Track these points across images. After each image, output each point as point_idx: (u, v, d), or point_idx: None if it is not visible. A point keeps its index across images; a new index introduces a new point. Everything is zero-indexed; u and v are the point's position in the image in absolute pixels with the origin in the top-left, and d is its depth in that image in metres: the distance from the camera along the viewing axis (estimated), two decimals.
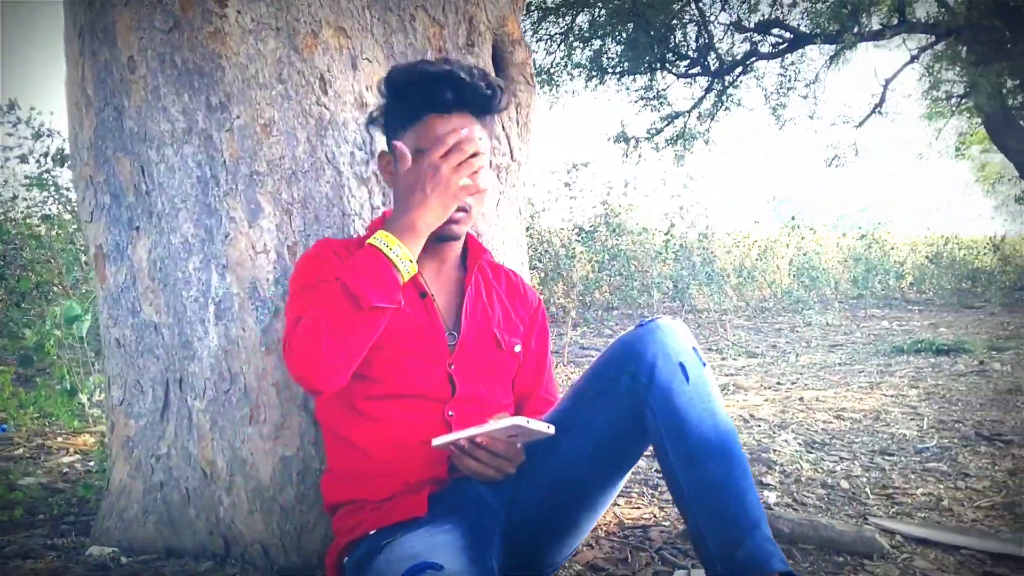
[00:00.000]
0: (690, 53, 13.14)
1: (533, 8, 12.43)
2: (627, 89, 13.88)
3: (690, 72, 13.29)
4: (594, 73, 13.50)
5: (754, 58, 13.00)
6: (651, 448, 1.64)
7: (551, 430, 1.53)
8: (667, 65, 13.24)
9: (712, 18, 12.97)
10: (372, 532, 1.61)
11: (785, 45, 12.64)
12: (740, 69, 13.29)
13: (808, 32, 12.19)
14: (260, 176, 1.98)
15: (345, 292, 1.52)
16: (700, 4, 12.64)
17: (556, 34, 13.26)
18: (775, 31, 12.56)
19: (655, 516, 2.35)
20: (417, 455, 1.68)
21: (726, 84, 13.52)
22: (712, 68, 13.09)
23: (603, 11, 12.63)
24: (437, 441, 1.59)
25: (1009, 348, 6.13)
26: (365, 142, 2.07)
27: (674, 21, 12.81)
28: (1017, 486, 2.62)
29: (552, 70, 13.60)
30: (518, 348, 1.84)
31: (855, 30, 11.53)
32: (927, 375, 4.96)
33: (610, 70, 13.53)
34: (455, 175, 1.56)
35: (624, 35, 12.74)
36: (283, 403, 2.00)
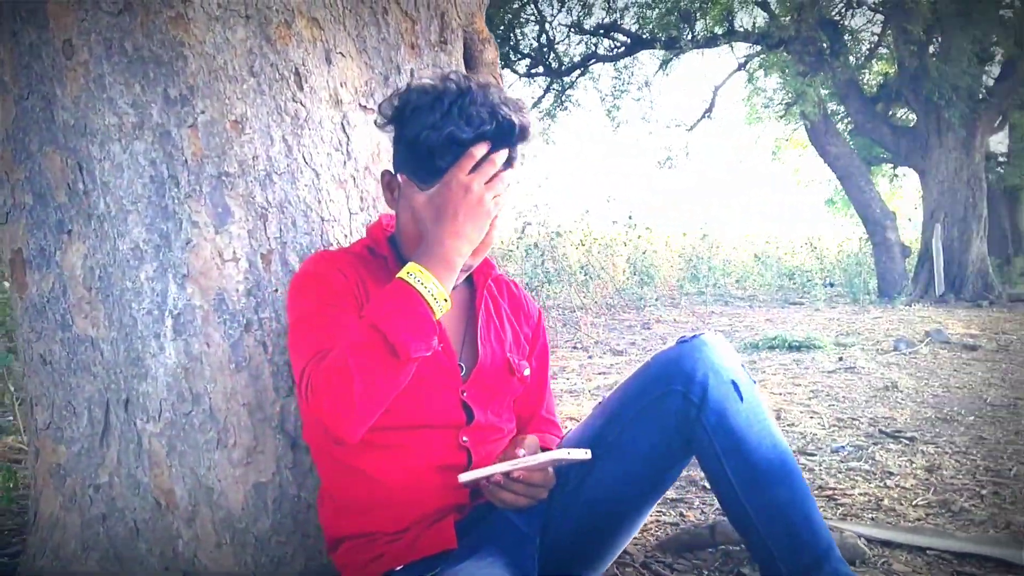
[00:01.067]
0: (531, 53, 13.26)
1: None
2: None
3: (531, 71, 13.41)
4: None
5: (592, 60, 13.26)
6: None
7: (588, 455, 1.47)
8: (508, 64, 13.31)
9: (552, 19, 13.14)
10: (398, 569, 1.50)
11: (623, 49, 12.96)
12: (579, 71, 13.52)
13: (645, 37, 12.54)
14: (230, 177, 1.81)
15: (378, 337, 1.37)
16: (539, 5, 12.78)
17: None
18: (614, 35, 12.85)
19: None
20: (435, 482, 1.57)
21: (565, 85, 13.73)
22: (552, 68, 13.26)
23: None
24: (465, 477, 1.49)
25: (853, 344, 6.50)
26: (342, 143, 1.93)
27: (515, 20, 12.89)
28: (941, 483, 2.75)
29: None
30: (527, 372, 1.75)
31: (689, 37, 11.97)
32: (798, 372, 5.17)
33: None
34: (487, 191, 1.45)
35: None
36: (255, 425, 1.83)
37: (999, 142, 15.70)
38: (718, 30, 12.25)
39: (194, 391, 1.82)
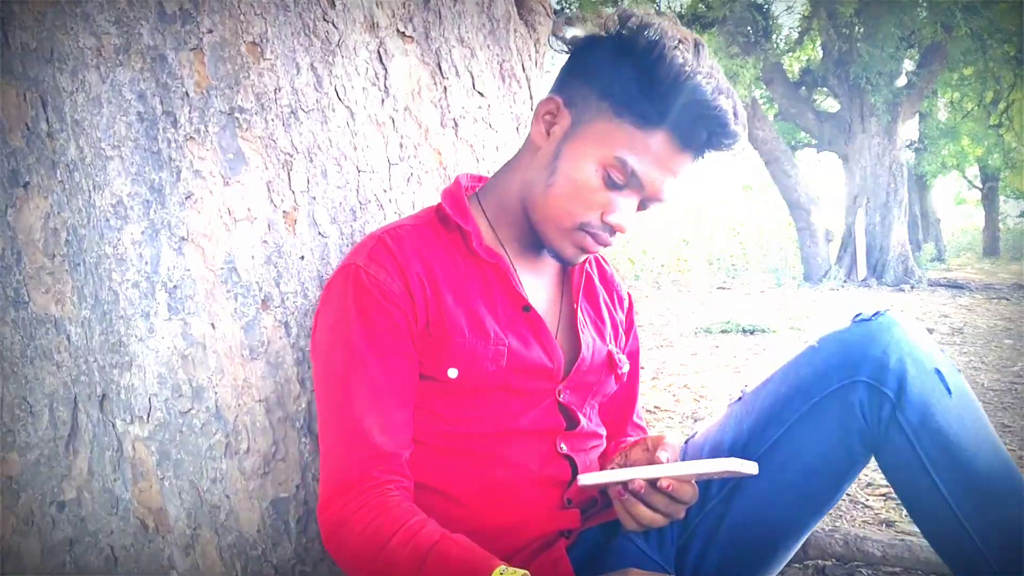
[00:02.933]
0: None
1: None
2: None
3: None
4: None
5: None
6: None
7: (756, 470, 1.15)
8: None
9: None
10: None
11: None
12: None
13: (573, 15, 12.30)
14: (245, 114, 1.43)
15: None
16: None
17: None
18: None
19: None
20: (533, 499, 1.25)
21: None
22: None
23: None
24: (588, 480, 1.17)
25: (802, 328, 6.39)
26: (379, 76, 1.56)
27: None
28: None
29: None
30: (626, 368, 1.43)
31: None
32: (771, 355, 4.98)
33: None
34: None
35: None
36: (275, 426, 1.47)
37: (911, 128, 16.01)
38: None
39: (195, 384, 1.44)
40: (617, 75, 1.19)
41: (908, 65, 12.72)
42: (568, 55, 1.28)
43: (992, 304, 8.82)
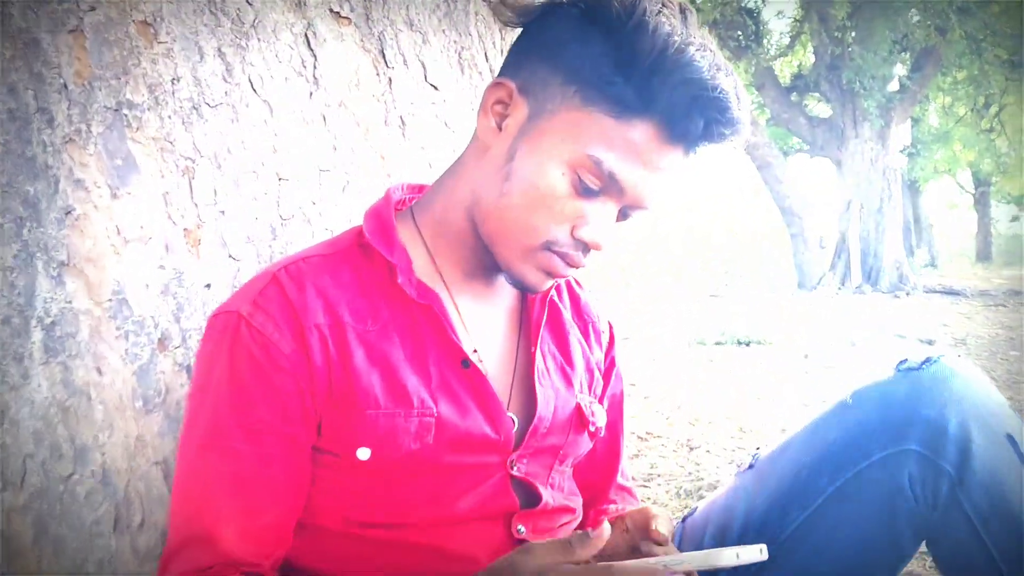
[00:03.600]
0: None
1: None
2: None
3: None
4: None
5: None
6: None
7: (765, 555, 0.89)
8: None
9: None
10: None
11: None
12: None
13: None
14: (136, 110, 1.17)
15: None
16: None
17: None
18: None
19: None
20: None
21: None
22: None
23: None
24: None
25: (799, 338, 6.20)
26: (306, 64, 1.30)
27: None
28: None
29: None
30: (602, 421, 1.15)
31: None
32: (770, 370, 4.76)
33: None
34: None
35: None
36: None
37: (903, 133, 15.87)
38: None
39: (77, 443, 1.18)
40: (585, 51, 0.93)
41: (900, 70, 12.58)
42: (521, 28, 1.01)
43: (990, 311, 8.64)
